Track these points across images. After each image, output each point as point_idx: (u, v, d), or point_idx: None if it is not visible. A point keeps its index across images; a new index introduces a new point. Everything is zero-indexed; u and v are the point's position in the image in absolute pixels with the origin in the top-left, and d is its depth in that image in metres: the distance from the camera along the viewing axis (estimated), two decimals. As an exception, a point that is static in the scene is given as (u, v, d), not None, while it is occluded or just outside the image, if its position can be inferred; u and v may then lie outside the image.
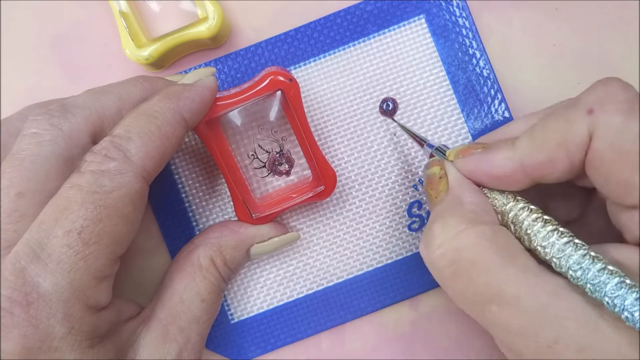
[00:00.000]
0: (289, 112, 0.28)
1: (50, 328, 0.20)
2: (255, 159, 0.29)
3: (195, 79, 0.26)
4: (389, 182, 0.30)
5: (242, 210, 0.28)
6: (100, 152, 0.22)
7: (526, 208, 0.22)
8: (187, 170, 0.30)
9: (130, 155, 0.22)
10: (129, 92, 0.25)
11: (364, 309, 0.30)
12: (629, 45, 0.31)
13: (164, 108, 0.24)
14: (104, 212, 0.21)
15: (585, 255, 0.20)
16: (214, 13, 0.29)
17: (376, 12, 0.31)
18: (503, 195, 0.23)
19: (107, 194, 0.21)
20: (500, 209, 0.23)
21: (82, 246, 0.20)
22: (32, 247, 0.20)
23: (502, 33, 0.31)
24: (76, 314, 0.21)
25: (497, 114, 0.30)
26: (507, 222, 0.23)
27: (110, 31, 0.31)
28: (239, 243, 0.28)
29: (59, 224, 0.20)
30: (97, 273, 0.21)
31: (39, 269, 0.20)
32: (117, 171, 0.22)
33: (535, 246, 0.21)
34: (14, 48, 0.32)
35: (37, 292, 0.20)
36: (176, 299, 0.25)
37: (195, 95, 0.25)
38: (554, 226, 0.21)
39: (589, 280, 0.19)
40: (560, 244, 0.20)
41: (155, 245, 0.30)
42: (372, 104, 0.31)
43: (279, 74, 0.27)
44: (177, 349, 0.24)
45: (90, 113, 0.24)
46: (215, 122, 0.28)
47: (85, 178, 0.21)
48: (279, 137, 0.29)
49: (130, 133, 0.22)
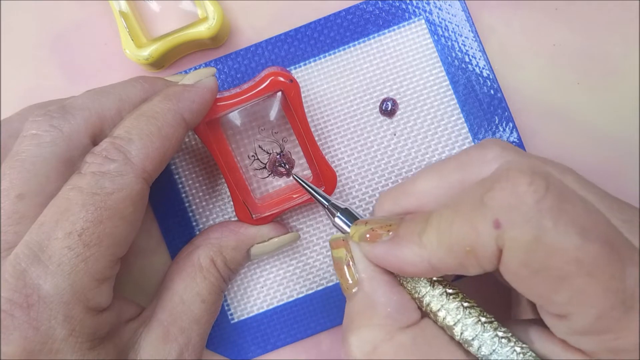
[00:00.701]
0: (289, 112, 0.28)
1: (51, 330, 0.20)
2: (255, 160, 0.29)
3: (196, 80, 0.26)
4: (389, 182, 0.30)
5: (243, 210, 0.28)
6: (101, 153, 0.22)
7: (444, 294, 0.21)
8: (187, 170, 0.30)
9: (130, 157, 0.22)
10: (128, 93, 0.25)
11: (364, 309, 0.30)
12: (629, 45, 0.31)
13: (164, 109, 0.24)
14: (105, 214, 0.21)
15: (512, 350, 0.19)
16: (214, 13, 0.29)
17: (376, 12, 0.31)
18: (419, 282, 0.22)
19: (107, 195, 0.21)
20: (417, 295, 0.21)
21: (82, 248, 0.20)
22: (33, 249, 0.20)
23: (502, 33, 0.31)
24: (77, 315, 0.20)
25: (496, 114, 0.30)
26: (426, 310, 0.21)
27: (110, 31, 0.31)
28: (239, 243, 0.28)
29: (59, 225, 0.20)
30: (97, 275, 0.21)
31: (39, 270, 0.20)
32: (118, 173, 0.22)
33: (458, 338, 0.20)
34: (14, 48, 0.32)
35: (38, 294, 0.20)
36: (177, 300, 0.25)
37: (195, 96, 0.25)
38: (475, 315, 0.20)
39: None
40: (486, 337, 0.20)
41: (155, 245, 0.31)
42: (372, 104, 0.31)
43: (279, 75, 0.27)
44: (177, 350, 0.24)
45: (90, 114, 0.24)
46: (216, 123, 0.28)
47: (85, 180, 0.21)
48: (279, 137, 0.29)
49: (130, 134, 0.22)
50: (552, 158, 0.31)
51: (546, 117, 0.31)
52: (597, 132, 0.31)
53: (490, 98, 0.30)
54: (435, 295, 0.21)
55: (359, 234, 0.22)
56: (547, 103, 0.31)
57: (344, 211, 0.24)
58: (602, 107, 0.31)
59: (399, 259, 0.20)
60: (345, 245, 0.23)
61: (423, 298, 0.21)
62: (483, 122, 0.30)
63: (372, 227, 0.22)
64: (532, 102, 0.31)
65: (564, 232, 0.17)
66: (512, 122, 0.30)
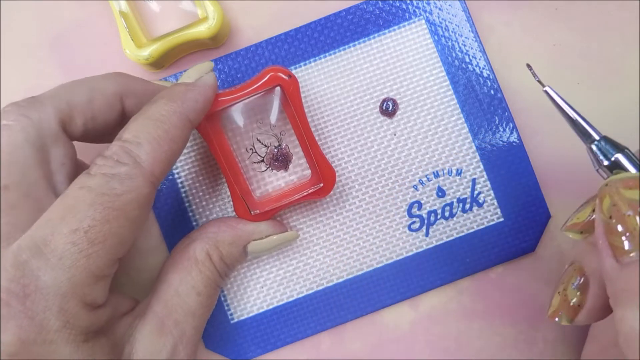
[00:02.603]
0: (288, 109, 0.28)
1: (45, 321, 0.20)
2: (253, 153, 0.29)
3: (196, 76, 0.26)
4: (389, 182, 0.30)
5: (241, 206, 0.28)
6: (112, 157, 0.22)
7: None
8: (187, 169, 0.30)
9: (140, 161, 0.22)
10: (101, 85, 0.25)
11: (364, 309, 0.30)
12: (629, 45, 0.31)
13: (170, 111, 0.24)
14: (112, 214, 0.21)
15: None
16: (214, 13, 0.29)
17: (376, 12, 0.31)
18: None
19: (116, 196, 0.21)
20: None
21: (87, 244, 0.21)
22: (36, 241, 0.21)
23: (502, 33, 0.31)
24: (72, 309, 0.21)
25: (497, 114, 0.30)
26: None
27: (110, 31, 0.31)
28: (236, 239, 0.28)
29: (65, 221, 0.21)
30: (97, 271, 0.21)
31: (40, 263, 0.20)
32: (128, 176, 0.22)
33: None
34: (14, 48, 0.32)
35: (35, 285, 0.20)
36: (172, 292, 0.25)
37: (198, 95, 0.25)
38: None
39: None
40: None
41: (155, 245, 0.31)
42: (372, 104, 0.31)
43: (278, 70, 0.27)
44: (172, 343, 0.24)
45: (60, 102, 0.24)
46: (215, 118, 0.28)
47: (95, 180, 0.22)
48: (277, 132, 0.30)
49: (139, 139, 0.23)
50: (552, 158, 0.31)
51: (546, 117, 0.31)
52: (597, 132, 0.31)
53: (490, 98, 0.30)
54: None
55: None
56: (547, 103, 0.31)
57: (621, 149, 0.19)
58: (602, 107, 0.31)
59: None
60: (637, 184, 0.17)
61: None
62: (483, 123, 0.30)
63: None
64: (532, 102, 0.31)
65: None
66: (512, 122, 0.30)
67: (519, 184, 0.30)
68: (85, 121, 0.25)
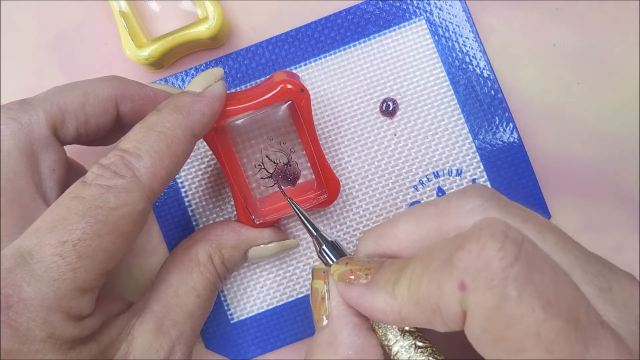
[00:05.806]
0: (297, 119, 0.28)
1: (30, 332, 0.20)
2: (261, 169, 0.29)
3: (204, 85, 0.25)
4: (389, 182, 0.30)
5: (245, 215, 0.28)
6: (110, 167, 0.22)
7: (413, 346, 0.21)
8: (187, 170, 0.30)
9: (139, 175, 0.22)
10: (95, 88, 0.24)
11: (364, 309, 0.30)
12: (629, 45, 0.31)
13: (174, 124, 0.23)
14: (104, 229, 0.21)
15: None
16: (214, 13, 0.29)
17: (377, 12, 0.31)
18: (391, 329, 0.21)
19: (110, 210, 0.21)
20: (386, 342, 0.21)
21: (74, 258, 0.20)
22: (22, 251, 0.20)
23: (502, 33, 0.31)
24: (56, 322, 0.20)
25: (497, 114, 0.30)
26: (392, 358, 0.21)
27: (110, 31, 0.31)
28: (239, 243, 0.28)
29: (54, 232, 0.20)
30: (83, 285, 0.21)
31: (24, 273, 0.20)
32: (124, 189, 0.21)
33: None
34: (14, 48, 0.32)
35: (19, 296, 0.20)
36: (171, 292, 0.25)
37: (205, 107, 0.24)
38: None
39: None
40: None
41: (155, 245, 0.31)
42: (373, 104, 0.31)
43: (289, 82, 0.26)
44: (170, 343, 0.24)
45: (51, 106, 0.23)
46: (223, 128, 0.28)
47: (90, 190, 0.21)
48: (286, 148, 0.29)
49: (140, 151, 0.22)
50: (552, 158, 0.31)
51: (546, 117, 0.31)
52: (597, 132, 0.31)
53: (490, 98, 0.30)
54: (405, 346, 0.21)
55: (338, 273, 0.22)
56: (547, 103, 0.31)
57: (331, 244, 0.24)
58: (602, 107, 0.31)
59: (371, 305, 0.20)
60: (325, 277, 0.23)
61: (392, 347, 0.21)
62: (483, 123, 0.30)
63: (351, 268, 0.21)
64: (532, 102, 0.31)
65: (527, 303, 0.16)
66: (512, 123, 0.30)
67: (519, 184, 0.30)
68: (78, 126, 0.24)
